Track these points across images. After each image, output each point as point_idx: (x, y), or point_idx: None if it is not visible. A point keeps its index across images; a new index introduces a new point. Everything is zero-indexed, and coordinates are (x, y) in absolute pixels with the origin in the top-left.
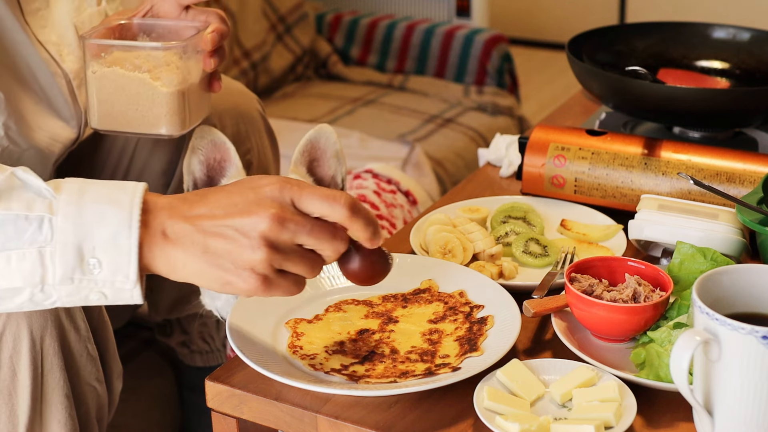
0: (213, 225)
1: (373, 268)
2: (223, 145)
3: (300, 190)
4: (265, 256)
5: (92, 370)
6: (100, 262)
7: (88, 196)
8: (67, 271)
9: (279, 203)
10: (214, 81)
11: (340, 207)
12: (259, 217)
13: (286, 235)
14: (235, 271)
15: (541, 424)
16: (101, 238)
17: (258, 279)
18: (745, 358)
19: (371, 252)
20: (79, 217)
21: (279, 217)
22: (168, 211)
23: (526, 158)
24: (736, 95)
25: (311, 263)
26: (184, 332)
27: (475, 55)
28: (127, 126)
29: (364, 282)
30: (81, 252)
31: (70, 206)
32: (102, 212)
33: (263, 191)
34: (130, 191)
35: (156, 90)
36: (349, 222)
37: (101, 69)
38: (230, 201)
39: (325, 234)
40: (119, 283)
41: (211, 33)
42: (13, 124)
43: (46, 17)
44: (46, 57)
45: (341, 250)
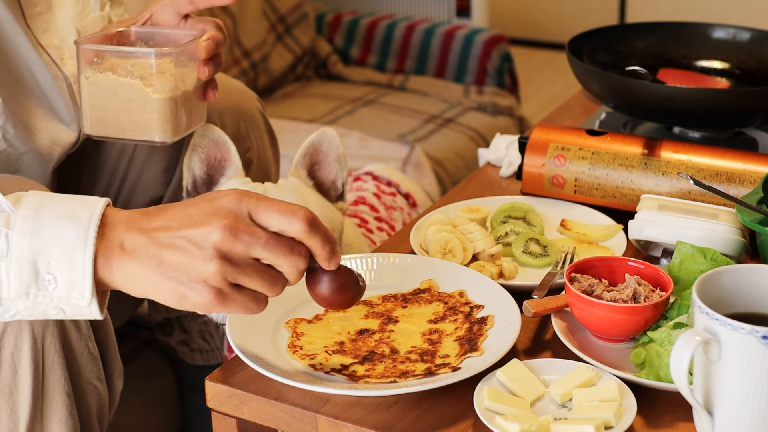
0: (167, 236)
1: (341, 291)
2: (224, 144)
3: (257, 203)
4: (217, 267)
5: (93, 368)
6: (55, 278)
7: (46, 211)
8: (22, 286)
9: (234, 215)
10: (209, 89)
11: (297, 221)
12: (212, 227)
13: (240, 246)
14: (189, 283)
15: (541, 424)
16: (56, 254)
17: (212, 292)
18: (745, 358)
19: (340, 274)
20: (35, 231)
21: (232, 228)
22: (126, 224)
23: (526, 158)
24: (736, 95)
25: (270, 280)
26: (184, 331)
27: (475, 55)
28: (120, 132)
29: (332, 305)
30: (36, 267)
31: (27, 221)
32: (59, 227)
33: (219, 203)
34: (90, 207)
35: (148, 96)
36: (306, 237)
37: (94, 75)
38: (186, 213)
39: (281, 248)
40: (74, 299)
41: (206, 41)
42: (11, 128)
43: (48, 21)
44: (48, 60)
45: (300, 266)
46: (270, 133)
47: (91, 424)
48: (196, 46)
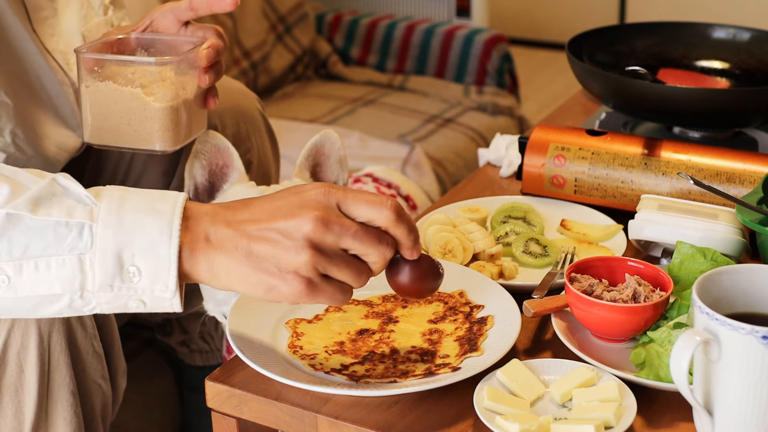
0: (257, 229)
1: (422, 279)
2: (226, 150)
3: (345, 194)
4: (309, 258)
5: (98, 367)
6: (139, 270)
7: (128, 205)
8: (106, 278)
9: (324, 206)
10: (209, 97)
11: (386, 210)
12: (303, 219)
13: (331, 237)
14: (280, 274)
15: (541, 424)
16: (141, 246)
17: (303, 282)
18: (745, 358)
19: (421, 262)
20: (119, 224)
21: (323, 219)
22: (211, 217)
23: (526, 158)
24: (736, 95)
25: (357, 270)
26: (184, 331)
27: (475, 55)
28: (120, 141)
29: (413, 294)
30: (120, 259)
31: (110, 214)
32: (142, 220)
33: (307, 195)
34: (171, 201)
35: (149, 105)
36: (394, 226)
37: (94, 83)
38: (273, 205)
39: (370, 238)
40: (158, 291)
41: (206, 49)
42: (20, 132)
43: (54, 26)
44: (54, 65)
45: (387, 256)
46: (270, 134)
47: (95, 423)
48: (196, 54)
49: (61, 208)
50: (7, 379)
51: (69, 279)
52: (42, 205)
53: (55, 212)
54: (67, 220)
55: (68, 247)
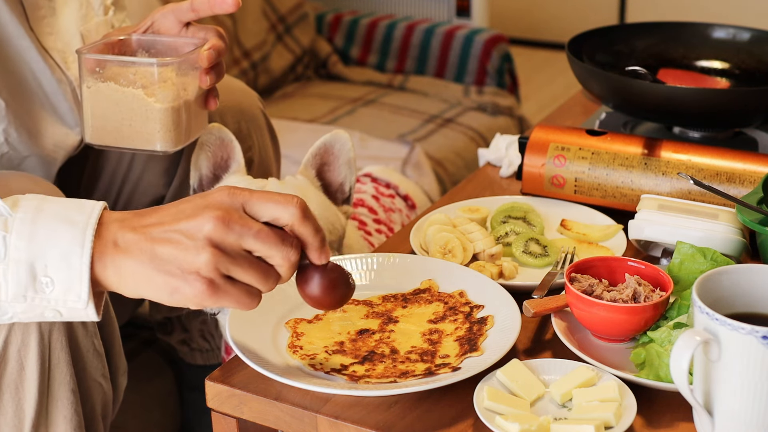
0: (161, 231)
1: (332, 288)
2: (230, 143)
3: (251, 195)
4: (210, 257)
5: (98, 366)
6: (52, 280)
7: (43, 215)
8: (19, 289)
9: (226, 206)
10: (210, 98)
11: (291, 207)
12: (204, 218)
13: (232, 237)
14: (182, 275)
15: (541, 424)
16: (53, 257)
17: (204, 283)
18: (745, 358)
19: (329, 271)
20: (33, 235)
21: (224, 219)
22: (120, 223)
23: (526, 158)
24: (736, 95)
25: (263, 272)
26: (185, 330)
27: (475, 55)
28: (121, 141)
29: (321, 304)
30: (33, 270)
31: (24, 224)
32: (55, 231)
33: (212, 197)
34: (87, 211)
35: (150, 106)
36: (299, 224)
37: (96, 84)
38: (179, 208)
39: (273, 238)
40: (71, 302)
41: (208, 50)
42: (14, 131)
43: (51, 25)
44: (52, 64)
45: (292, 258)
46: (271, 133)
47: (95, 422)
48: (197, 55)
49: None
50: (8, 377)
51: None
52: None
53: None
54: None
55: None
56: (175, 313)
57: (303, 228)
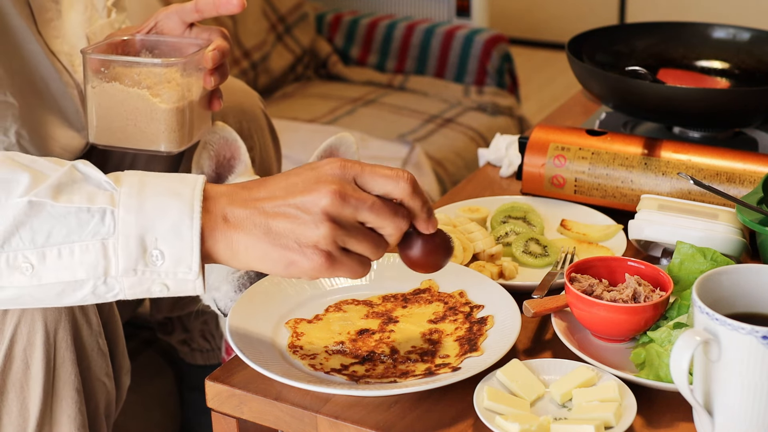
0: (274, 206)
1: (435, 252)
2: (234, 142)
3: (362, 168)
4: (328, 231)
5: (102, 365)
6: (162, 253)
7: (148, 189)
8: (130, 262)
9: (340, 180)
10: (214, 99)
11: (402, 182)
12: (321, 193)
13: (348, 210)
14: (299, 249)
15: (541, 424)
16: (163, 230)
17: (322, 256)
18: (745, 358)
19: (433, 236)
20: (140, 208)
21: (340, 193)
22: (228, 197)
23: (526, 158)
24: (736, 95)
25: (374, 243)
26: (185, 330)
27: (475, 55)
28: (126, 141)
29: (423, 268)
30: (144, 243)
31: (131, 198)
32: (163, 204)
33: (323, 170)
34: (191, 183)
35: (155, 106)
36: (410, 198)
37: (101, 84)
38: (290, 182)
39: (386, 210)
40: (182, 274)
41: (212, 51)
42: (26, 133)
43: (58, 28)
44: (59, 67)
45: (403, 228)
46: (272, 133)
47: (98, 421)
48: (202, 56)
49: (82, 194)
50: (13, 376)
51: (92, 264)
52: (63, 192)
53: (76, 199)
54: (88, 206)
55: (91, 232)
56: (176, 312)
57: (413, 201)
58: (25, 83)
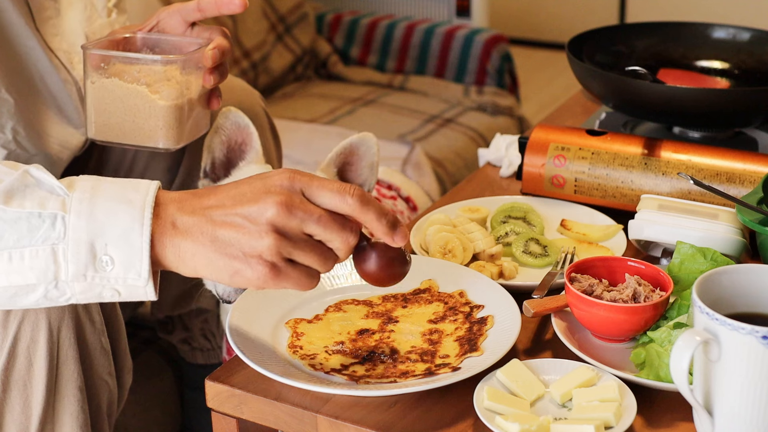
0: (221, 214)
1: (387, 267)
2: (246, 128)
3: (310, 181)
4: (272, 242)
5: (105, 363)
6: (112, 259)
7: (100, 194)
8: (79, 267)
9: (288, 191)
10: (213, 98)
11: (350, 198)
12: (267, 203)
13: (294, 222)
14: (244, 259)
15: (541, 424)
16: (113, 236)
17: (266, 266)
18: (745, 358)
19: (387, 250)
20: (91, 214)
21: (287, 204)
22: (178, 204)
23: (526, 158)
24: (736, 95)
25: (322, 255)
26: (186, 329)
27: (475, 55)
28: (124, 137)
29: (378, 282)
30: (93, 249)
31: (83, 204)
32: (114, 210)
33: (272, 181)
34: (143, 190)
35: (154, 103)
36: (360, 213)
37: (100, 80)
38: (239, 191)
39: (333, 224)
40: (131, 279)
41: (212, 49)
42: (22, 129)
43: (57, 26)
44: (57, 64)
45: (351, 242)
46: (273, 131)
47: (100, 420)
48: (202, 54)
49: (34, 199)
50: (16, 373)
51: (43, 270)
52: (15, 196)
53: (27, 204)
54: (39, 211)
55: (41, 238)
56: (176, 311)
57: (365, 216)
58: (21, 80)
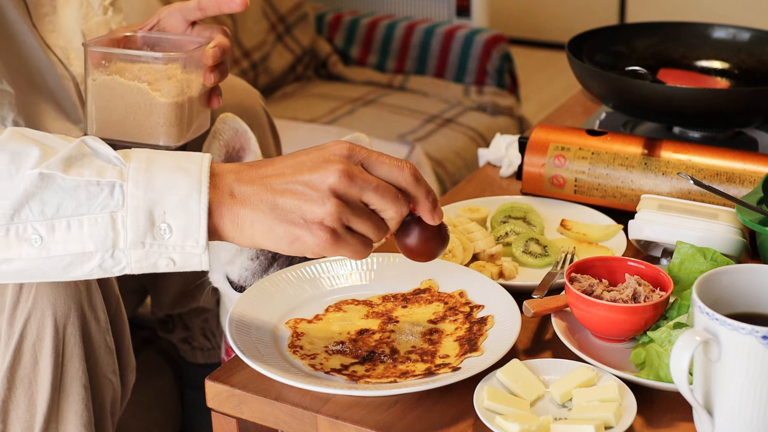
0: (282, 182)
1: (430, 240)
2: (245, 133)
3: (369, 153)
4: (334, 208)
5: (109, 362)
6: (170, 227)
7: (156, 164)
8: (138, 235)
9: (348, 160)
10: (213, 96)
11: (407, 171)
12: (328, 171)
13: (354, 189)
14: (305, 225)
15: (541, 424)
16: (171, 204)
17: (327, 232)
18: (745, 358)
19: (430, 226)
20: (149, 183)
21: (347, 172)
22: (236, 173)
23: (526, 158)
24: (736, 95)
25: (377, 225)
26: (186, 328)
27: (475, 55)
28: (124, 135)
29: (418, 255)
30: (152, 217)
31: (140, 173)
32: (171, 179)
33: (331, 150)
34: (197, 160)
35: (154, 100)
36: (413, 187)
37: (101, 77)
38: (298, 160)
39: (390, 194)
40: (189, 247)
41: (213, 48)
42: (22, 122)
43: (53, 22)
44: (54, 60)
45: (404, 212)
46: (273, 130)
47: (104, 418)
48: (202, 52)
49: (92, 168)
50: (22, 371)
51: (102, 237)
52: (73, 165)
53: (86, 172)
54: (98, 179)
55: (100, 205)
56: (177, 310)
57: (416, 190)
58: (21, 73)
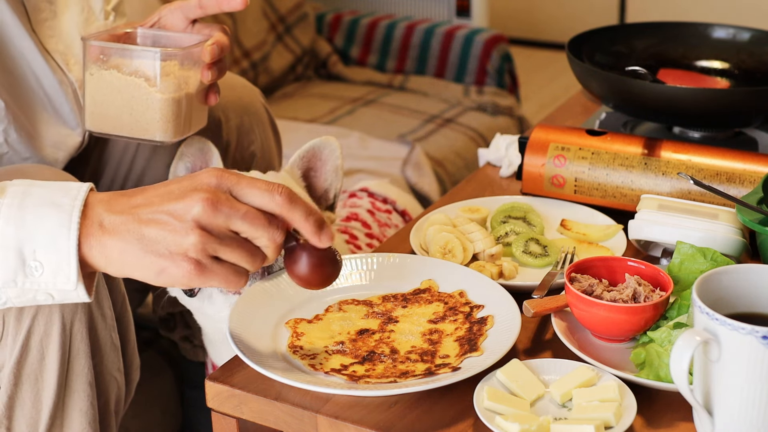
0: (149, 212)
1: (317, 268)
2: (209, 152)
3: (238, 180)
4: (197, 239)
5: (115, 359)
6: (41, 264)
7: (30, 200)
8: (9, 274)
9: (214, 189)
10: (211, 93)
11: (277, 195)
12: (192, 200)
13: (219, 218)
14: (170, 256)
15: (541, 424)
16: (41, 241)
17: (192, 263)
18: (744, 358)
19: (317, 250)
20: (20, 220)
21: (212, 201)
22: (106, 204)
23: (526, 158)
24: (736, 95)
25: (249, 253)
26: (187, 327)
27: (475, 55)
28: (121, 129)
29: (308, 284)
30: (22, 255)
31: (11, 209)
32: (42, 215)
33: (200, 179)
34: (73, 194)
35: (151, 95)
36: (287, 211)
37: (99, 71)
38: (167, 189)
39: (259, 221)
40: (61, 284)
41: (211, 45)
42: (13, 132)
43: (53, 27)
44: (53, 65)
45: (278, 240)
46: (273, 127)
47: (108, 416)
48: (201, 49)
49: None
50: (28, 367)
51: None
52: None
53: None
54: None
55: None
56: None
57: (291, 214)
58: (15, 81)
